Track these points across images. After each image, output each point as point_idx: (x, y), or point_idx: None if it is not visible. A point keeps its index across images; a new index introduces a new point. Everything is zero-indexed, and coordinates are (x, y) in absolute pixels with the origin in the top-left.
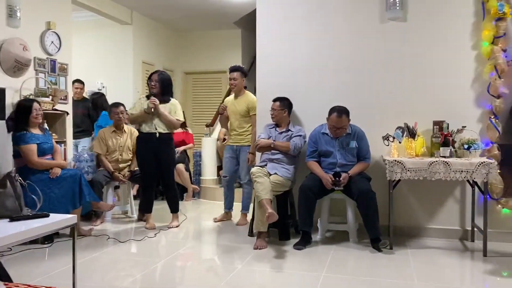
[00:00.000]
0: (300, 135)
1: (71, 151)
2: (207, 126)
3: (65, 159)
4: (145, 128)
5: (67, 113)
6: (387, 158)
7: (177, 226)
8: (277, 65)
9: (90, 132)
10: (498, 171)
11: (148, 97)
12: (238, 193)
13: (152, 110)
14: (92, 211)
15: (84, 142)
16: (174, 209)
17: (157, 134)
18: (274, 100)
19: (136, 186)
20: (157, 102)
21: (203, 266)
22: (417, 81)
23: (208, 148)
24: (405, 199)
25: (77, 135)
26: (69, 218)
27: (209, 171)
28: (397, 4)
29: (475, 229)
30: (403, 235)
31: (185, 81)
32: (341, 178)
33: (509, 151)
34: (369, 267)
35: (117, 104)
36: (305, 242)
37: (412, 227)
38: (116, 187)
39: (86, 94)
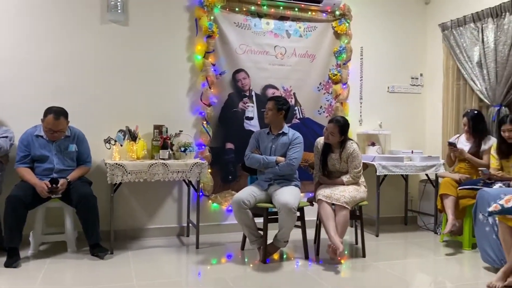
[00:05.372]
0: (6, 136)
1: None
2: None
3: None
4: None
5: None
6: (109, 161)
7: None
8: None
9: None
10: (209, 170)
11: None
12: None
13: None
14: None
15: None
16: None
17: None
18: None
19: None
20: None
21: None
22: (139, 86)
23: None
24: (127, 202)
25: None
26: None
27: None
28: (118, 7)
29: (190, 224)
30: (125, 238)
31: None
32: (58, 185)
33: (218, 153)
34: (88, 275)
35: None
36: (14, 260)
37: (134, 229)
38: None
39: None
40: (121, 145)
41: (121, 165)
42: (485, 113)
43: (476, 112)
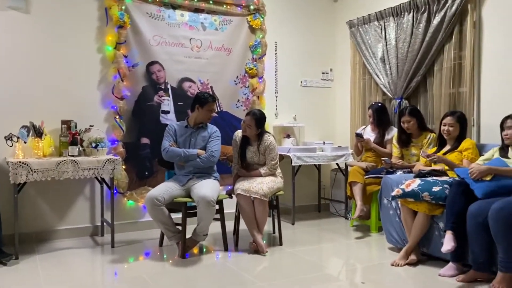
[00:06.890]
0: None
1: None
2: None
3: None
4: None
5: None
6: (11, 160)
7: None
8: None
9: None
10: (123, 167)
11: None
12: None
13: None
14: None
15: None
16: None
17: None
18: None
19: None
20: None
21: None
22: (44, 78)
23: None
24: (33, 202)
25: None
26: None
27: None
28: None
29: (104, 223)
30: (32, 241)
31: None
32: None
33: (132, 148)
34: None
35: None
36: None
37: (42, 231)
38: None
39: None
40: (25, 142)
41: (25, 164)
42: (388, 106)
43: (380, 104)
